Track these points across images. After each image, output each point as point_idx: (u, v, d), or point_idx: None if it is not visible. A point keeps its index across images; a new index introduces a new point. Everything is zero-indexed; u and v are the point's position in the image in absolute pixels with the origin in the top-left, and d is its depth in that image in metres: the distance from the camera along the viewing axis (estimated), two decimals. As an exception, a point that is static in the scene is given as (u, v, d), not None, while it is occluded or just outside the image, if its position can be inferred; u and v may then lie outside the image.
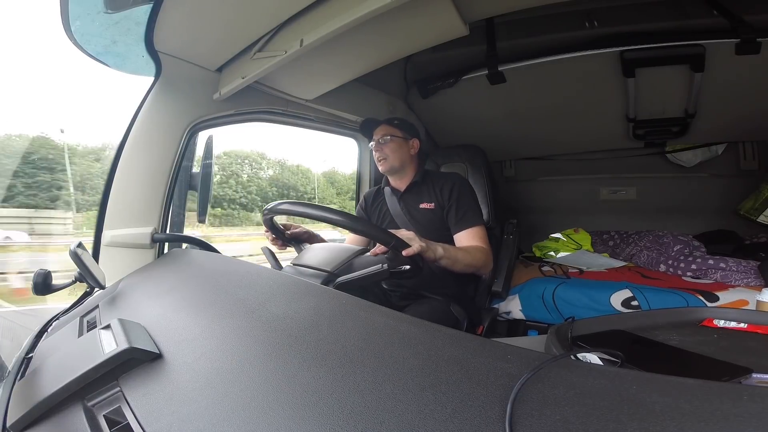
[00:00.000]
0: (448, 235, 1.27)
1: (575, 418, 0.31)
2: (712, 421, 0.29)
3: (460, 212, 1.26)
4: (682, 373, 0.34)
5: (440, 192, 1.31)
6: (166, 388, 0.47)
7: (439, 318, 1.20)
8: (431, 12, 1.00)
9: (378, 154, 1.36)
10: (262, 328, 0.55)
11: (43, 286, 0.91)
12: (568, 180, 2.50)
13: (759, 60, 1.33)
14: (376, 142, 1.37)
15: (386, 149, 1.34)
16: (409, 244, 0.86)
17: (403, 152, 1.36)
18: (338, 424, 0.35)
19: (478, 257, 1.16)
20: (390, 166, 1.35)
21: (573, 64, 1.50)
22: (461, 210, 1.27)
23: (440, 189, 1.32)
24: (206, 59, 1.22)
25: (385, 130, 1.37)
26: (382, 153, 1.35)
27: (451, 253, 1.04)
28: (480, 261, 1.16)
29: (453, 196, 1.28)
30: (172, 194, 1.25)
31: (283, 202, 0.93)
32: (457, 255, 1.07)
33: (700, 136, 2.01)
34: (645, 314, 0.83)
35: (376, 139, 1.38)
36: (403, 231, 0.91)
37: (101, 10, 0.92)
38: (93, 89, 3.46)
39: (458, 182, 1.32)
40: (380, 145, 1.35)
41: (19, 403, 0.52)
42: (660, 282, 1.66)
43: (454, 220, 1.27)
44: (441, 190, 1.32)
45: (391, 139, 1.35)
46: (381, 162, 1.36)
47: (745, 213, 2.06)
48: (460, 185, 1.31)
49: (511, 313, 1.76)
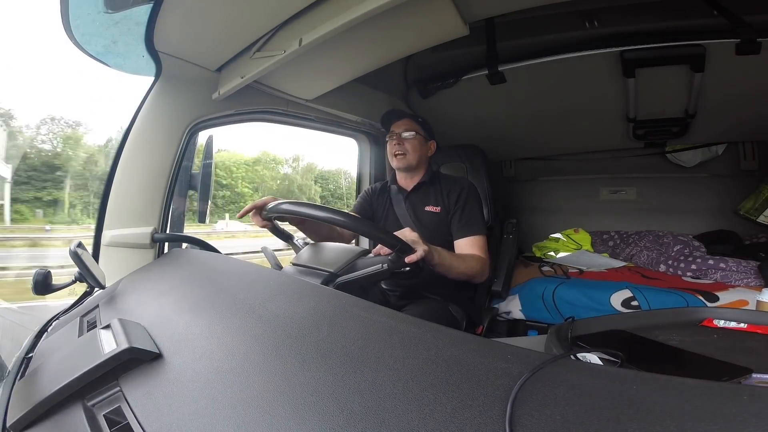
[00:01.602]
0: (452, 240, 1.25)
1: (575, 418, 0.31)
2: (712, 421, 0.29)
3: (464, 219, 1.24)
4: (682, 373, 0.34)
5: (448, 196, 1.29)
6: (166, 388, 0.47)
7: (438, 318, 1.20)
8: (431, 12, 1.00)
9: (397, 148, 1.30)
10: (262, 328, 0.55)
11: (42, 285, 0.91)
12: (568, 180, 2.50)
13: (759, 60, 1.33)
14: (396, 135, 1.32)
15: (408, 145, 1.30)
16: (413, 247, 0.85)
17: (422, 151, 1.32)
18: (338, 424, 0.35)
19: (473, 266, 1.14)
20: (408, 162, 1.31)
21: (573, 64, 1.50)
22: (465, 217, 1.24)
23: (448, 193, 1.29)
24: (206, 59, 1.22)
25: (410, 125, 1.33)
26: (403, 147, 1.30)
27: (446, 260, 1.03)
28: (475, 270, 1.14)
29: (460, 201, 1.26)
30: (172, 194, 1.25)
31: (283, 202, 0.93)
32: (452, 262, 1.06)
33: (700, 137, 2.01)
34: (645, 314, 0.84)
35: (397, 132, 1.32)
36: (406, 231, 0.90)
37: (101, 10, 0.92)
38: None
39: (467, 188, 1.29)
40: (402, 139, 1.30)
41: (19, 403, 0.52)
42: (660, 282, 1.66)
43: (456, 226, 1.25)
44: (449, 194, 1.28)
45: (414, 136, 1.31)
46: (399, 157, 1.30)
47: (745, 213, 2.06)
48: (468, 191, 1.28)
49: (511, 313, 1.76)
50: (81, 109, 6.33)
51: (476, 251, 1.20)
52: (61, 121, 5.41)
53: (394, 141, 1.31)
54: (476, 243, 1.22)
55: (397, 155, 1.31)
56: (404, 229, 0.92)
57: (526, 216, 2.52)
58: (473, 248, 1.21)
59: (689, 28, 1.39)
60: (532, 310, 1.72)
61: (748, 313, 0.77)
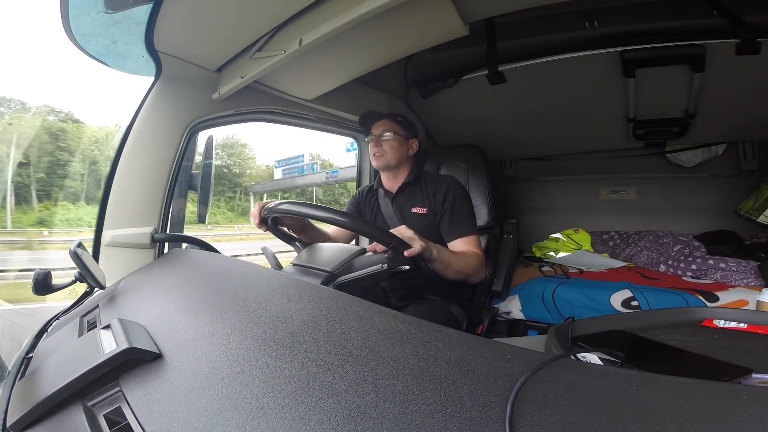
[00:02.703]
0: (441, 242, 1.22)
1: (575, 418, 0.31)
2: (712, 421, 0.29)
3: (454, 219, 1.22)
4: (682, 373, 0.34)
5: (433, 197, 1.27)
6: (166, 388, 0.47)
7: (439, 318, 1.20)
8: (431, 12, 1.00)
9: (375, 150, 1.30)
10: (262, 328, 0.55)
11: (42, 285, 0.91)
12: (568, 180, 2.50)
13: (759, 60, 1.33)
14: (375, 137, 1.31)
15: (385, 146, 1.29)
16: (410, 244, 0.85)
17: (401, 151, 1.31)
18: (338, 424, 0.35)
19: (471, 263, 1.13)
20: (386, 162, 1.30)
21: (573, 64, 1.50)
22: (455, 217, 1.22)
23: (434, 193, 1.27)
24: (206, 59, 1.22)
25: (387, 126, 1.31)
26: (381, 149, 1.29)
27: (445, 256, 1.02)
28: (473, 268, 1.13)
29: (447, 202, 1.23)
30: (172, 194, 1.25)
31: (283, 202, 0.93)
32: (450, 258, 1.05)
33: (700, 137, 2.01)
34: (645, 314, 0.83)
35: (375, 133, 1.31)
36: (402, 229, 0.90)
37: (101, 10, 0.92)
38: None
39: (453, 187, 1.27)
40: (379, 141, 1.29)
41: (19, 403, 0.52)
42: (660, 282, 1.66)
43: (447, 228, 1.22)
44: (434, 194, 1.26)
45: (392, 137, 1.29)
46: (377, 158, 1.30)
47: (745, 213, 2.06)
48: (454, 191, 1.26)
49: (511, 313, 1.76)
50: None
51: (472, 249, 1.19)
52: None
53: (373, 143, 1.31)
54: (470, 242, 1.20)
55: (375, 156, 1.30)
56: (400, 226, 0.92)
57: (525, 216, 2.52)
58: (468, 247, 1.19)
59: (689, 28, 1.39)
60: (532, 310, 1.72)
61: (748, 313, 0.77)
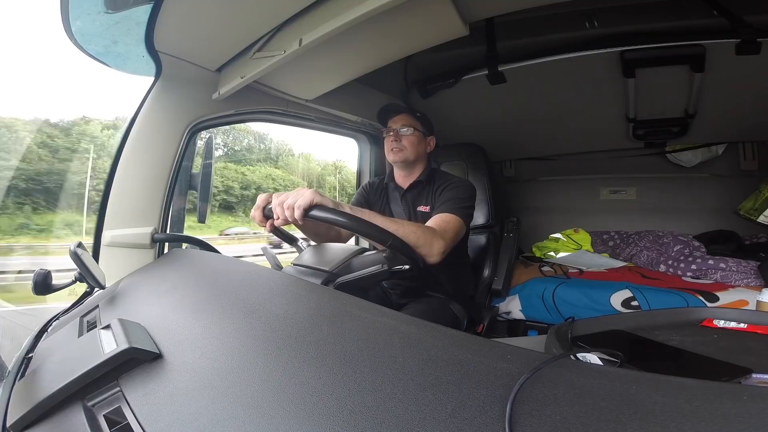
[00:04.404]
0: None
1: (575, 418, 0.31)
2: (712, 421, 0.29)
3: (440, 201, 1.17)
4: (682, 373, 0.34)
5: (437, 194, 1.24)
6: (166, 388, 0.47)
7: (439, 316, 1.20)
8: (431, 12, 1.00)
9: (394, 145, 1.26)
10: (262, 328, 0.55)
11: (42, 285, 0.91)
12: (568, 180, 2.50)
13: (759, 60, 1.33)
14: (394, 131, 1.28)
15: (405, 141, 1.26)
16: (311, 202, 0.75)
17: (420, 148, 1.29)
18: (338, 424, 0.35)
19: (412, 231, 0.89)
20: (405, 157, 1.26)
21: (573, 64, 1.50)
22: (441, 199, 1.17)
23: (438, 190, 1.25)
24: (206, 59, 1.22)
25: (406, 120, 1.29)
26: (400, 144, 1.26)
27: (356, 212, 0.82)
28: (414, 239, 0.88)
29: (445, 194, 1.19)
30: (172, 194, 1.25)
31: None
32: (363, 216, 0.83)
33: (700, 136, 2.01)
34: (645, 314, 0.83)
35: (394, 127, 1.28)
36: (302, 190, 0.78)
37: (101, 10, 0.92)
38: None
39: (458, 181, 1.24)
40: (399, 135, 1.27)
41: (19, 403, 0.52)
42: (660, 282, 1.66)
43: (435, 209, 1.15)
44: (438, 191, 1.24)
45: (412, 132, 1.27)
46: (395, 152, 1.26)
47: (745, 213, 2.06)
48: (458, 183, 1.23)
49: (511, 313, 1.76)
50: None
51: (432, 223, 1.05)
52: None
53: (391, 137, 1.28)
54: (443, 217, 1.06)
55: (393, 150, 1.27)
56: (301, 189, 0.79)
57: (526, 216, 2.51)
58: (433, 221, 1.06)
59: (689, 28, 1.39)
60: (532, 310, 1.72)
61: (748, 313, 0.77)
